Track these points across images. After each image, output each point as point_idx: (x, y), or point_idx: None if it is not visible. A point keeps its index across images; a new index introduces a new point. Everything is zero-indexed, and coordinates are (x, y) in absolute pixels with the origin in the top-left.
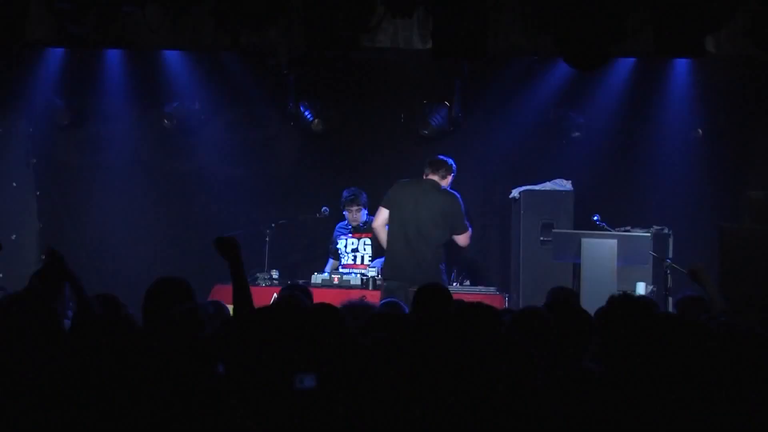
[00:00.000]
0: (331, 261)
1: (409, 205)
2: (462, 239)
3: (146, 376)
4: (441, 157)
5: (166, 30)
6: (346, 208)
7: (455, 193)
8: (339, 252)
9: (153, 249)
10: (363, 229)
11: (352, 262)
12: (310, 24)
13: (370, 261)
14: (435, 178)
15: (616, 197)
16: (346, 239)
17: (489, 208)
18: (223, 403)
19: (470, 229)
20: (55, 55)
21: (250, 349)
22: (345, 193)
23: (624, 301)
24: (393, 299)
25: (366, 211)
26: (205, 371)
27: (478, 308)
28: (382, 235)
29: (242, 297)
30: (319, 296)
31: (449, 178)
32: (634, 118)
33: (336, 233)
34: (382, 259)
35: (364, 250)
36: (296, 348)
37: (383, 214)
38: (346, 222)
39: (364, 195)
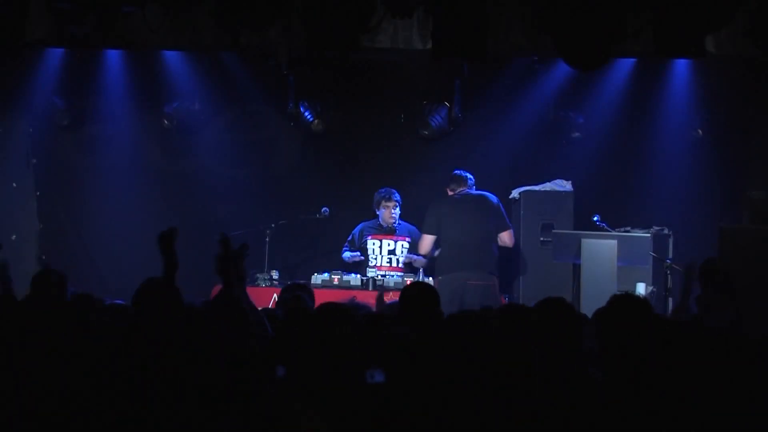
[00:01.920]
0: (352, 254)
1: (456, 221)
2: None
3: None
4: (459, 172)
5: (166, 30)
6: (384, 204)
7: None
8: (368, 251)
9: (153, 249)
10: (393, 231)
11: (388, 265)
12: (310, 24)
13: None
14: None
15: (616, 198)
16: (381, 240)
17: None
18: (285, 405)
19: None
20: (55, 55)
21: (309, 350)
22: (382, 191)
23: (624, 300)
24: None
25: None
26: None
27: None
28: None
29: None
30: (319, 297)
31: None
32: (634, 119)
33: (364, 231)
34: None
35: (402, 253)
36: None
37: (430, 241)
38: (377, 221)
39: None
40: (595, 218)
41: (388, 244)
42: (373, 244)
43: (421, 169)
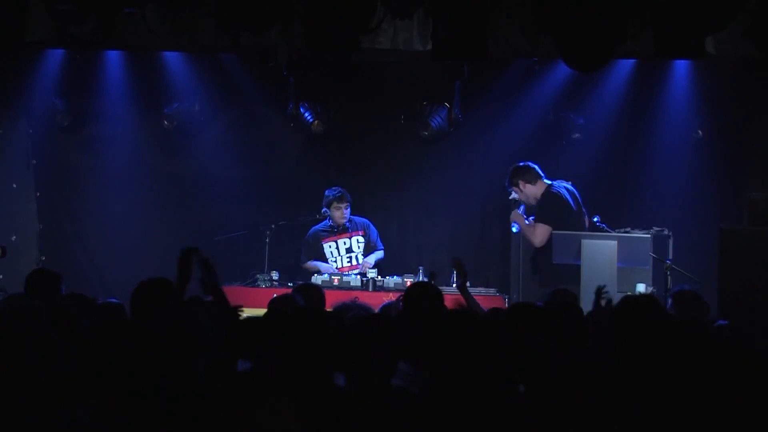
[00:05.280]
0: (316, 263)
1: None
2: None
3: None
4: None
5: (166, 31)
6: (335, 205)
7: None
8: (326, 255)
9: (153, 250)
10: (346, 229)
11: (349, 264)
12: (310, 25)
13: (362, 257)
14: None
15: (616, 198)
16: (336, 241)
17: (489, 209)
18: (248, 399)
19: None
20: (55, 56)
21: (280, 347)
22: (332, 192)
23: (637, 302)
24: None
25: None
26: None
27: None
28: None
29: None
30: None
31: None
32: (634, 120)
33: (317, 235)
34: (375, 254)
35: (359, 248)
36: (327, 347)
37: (547, 231)
38: (327, 223)
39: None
40: (595, 219)
41: (344, 243)
42: (329, 246)
43: (421, 170)
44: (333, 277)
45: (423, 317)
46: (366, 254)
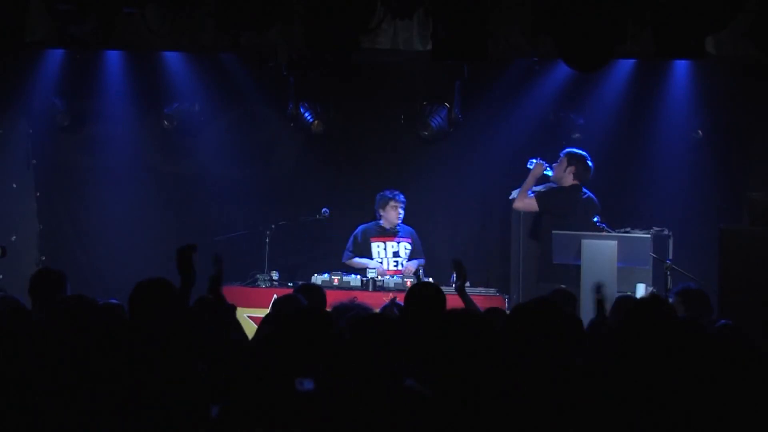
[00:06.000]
0: (363, 260)
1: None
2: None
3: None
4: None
5: (166, 31)
6: (392, 205)
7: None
8: (372, 254)
9: (153, 250)
10: (396, 233)
11: (395, 267)
12: (310, 25)
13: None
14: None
15: (616, 198)
16: (384, 242)
17: (489, 209)
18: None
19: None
20: (55, 56)
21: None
22: (388, 193)
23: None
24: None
25: None
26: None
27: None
28: None
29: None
30: None
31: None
32: (634, 120)
33: (366, 233)
34: (418, 261)
35: (405, 255)
36: (293, 351)
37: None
38: (377, 223)
39: None
40: (595, 219)
41: (392, 246)
42: (378, 246)
43: (421, 170)
44: (333, 277)
45: (424, 318)
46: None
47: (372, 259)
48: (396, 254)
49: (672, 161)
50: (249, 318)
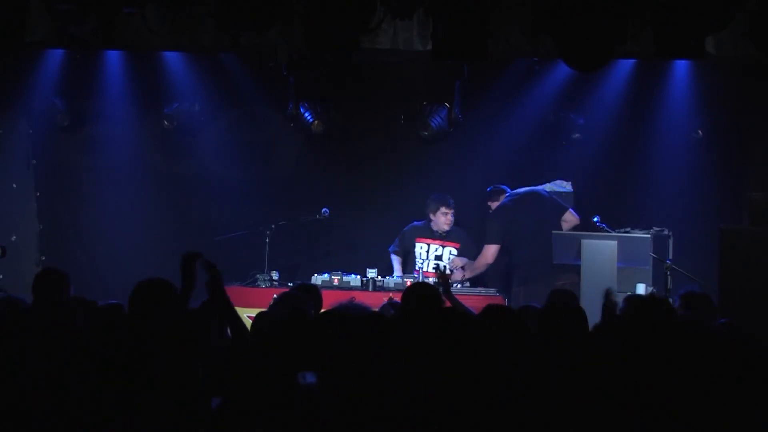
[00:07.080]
0: (397, 262)
1: (524, 225)
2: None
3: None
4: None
5: (166, 31)
6: (443, 210)
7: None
8: (415, 254)
9: (153, 250)
10: (446, 237)
11: (434, 270)
12: (310, 25)
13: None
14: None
15: (616, 198)
16: (429, 244)
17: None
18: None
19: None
20: (55, 56)
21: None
22: (439, 197)
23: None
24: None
25: None
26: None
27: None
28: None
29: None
30: None
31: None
32: (634, 120)
33: (413, 232)
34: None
35: (448, 259)
36: (296, 349)
37: (495, 250)
38: (428, 224)
39: None
40: (595, 219)
41: (436, 249)
42: (421, 247)
43: (421, 170)
44: (333, 277)
45: (421, 317)
46: None
47: (414, 258)
48: (438, 257)
49: (672, 161)
50: (249, 318)
